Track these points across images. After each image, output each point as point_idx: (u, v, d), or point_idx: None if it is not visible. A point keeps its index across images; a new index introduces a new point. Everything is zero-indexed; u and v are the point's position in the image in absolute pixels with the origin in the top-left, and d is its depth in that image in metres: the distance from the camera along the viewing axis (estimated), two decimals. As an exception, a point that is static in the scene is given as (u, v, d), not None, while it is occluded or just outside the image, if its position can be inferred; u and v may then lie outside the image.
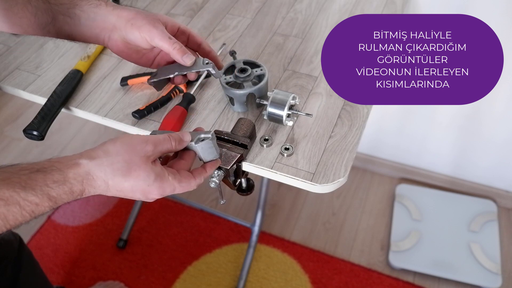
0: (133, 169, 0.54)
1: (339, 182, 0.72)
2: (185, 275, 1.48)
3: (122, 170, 0.53)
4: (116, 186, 0.54)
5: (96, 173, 0.53)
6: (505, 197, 1.61)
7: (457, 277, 1.44)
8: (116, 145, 0.55)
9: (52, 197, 0.50)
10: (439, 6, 1.19)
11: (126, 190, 0.55)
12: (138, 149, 0.55)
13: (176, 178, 0.57)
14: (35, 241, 1.56)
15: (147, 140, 0.56)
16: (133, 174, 0.54)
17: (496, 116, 1.39)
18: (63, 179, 0.51)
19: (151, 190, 0.55)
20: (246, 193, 0.81)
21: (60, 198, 0.51)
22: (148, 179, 0.54)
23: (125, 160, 0.54)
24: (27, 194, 0.48)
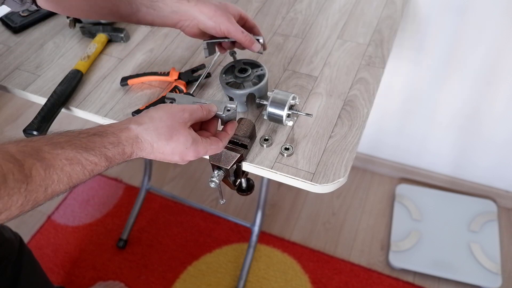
0: (174, 134, 0.60)
1: (339, 182, 0.72)
2: (185, 275, 1.48)
3: (165, 134, 0.60)
4: (159, 149, 0.60)
5: (144, 136, 0.59)
6: (505, 197, 1.61)
7: (457, 277, 1.44)
8: (159, 113, 0.61)
9: (108, 157, 0.56)
10: (439, 6, 1.19)
11: (167, 153, 0.61)
12: (178, 116, 0.62)
13: (207, 141, 0.64)
14: (35, 241, 1.56)
15: (184, 109, 0.63)
16: (174, 138, 0.60)
17: (496, 116, 1.39)
18: (117, 141, 0.57)
19: (188, 153, 0.62)
20: (246, 193, 0.81)
21: (114, 159, 0.57)
22: (186, 142, 0.61)
23: (168, 125, 0.60)
24: (88, 155, 0.53)
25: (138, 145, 0.59)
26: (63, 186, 0.52)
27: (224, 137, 0.68)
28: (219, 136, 0.67)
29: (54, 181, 0.50)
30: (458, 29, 1.22)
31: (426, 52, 1.30)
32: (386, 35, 1.00)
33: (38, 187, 0.48)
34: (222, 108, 0.69)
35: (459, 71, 1.31)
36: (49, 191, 0.50)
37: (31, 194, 0.48)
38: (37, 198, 0.49)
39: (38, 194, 0.49)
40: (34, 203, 0.49)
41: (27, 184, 0.47)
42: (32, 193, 0.48)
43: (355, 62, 0.93)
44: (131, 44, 1.00)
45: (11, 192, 0.46)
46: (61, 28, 1.04)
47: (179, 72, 0.90)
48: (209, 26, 0.77)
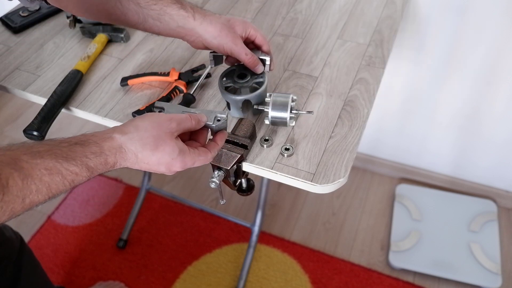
0: (160, 144, 0.59)
1: (339, 183, 0.72)
2: (185, 275, 1.48)
3: (150, 144, 0.58)
4: (144, 159, 0.59)
5: (128, 146, 0.58)
6: (505, 197, 1.61)
7: (457, 277, 1.44)
8: (144, 122, 0.60)
9: (90, 167, 0.55)
10: (439, 6, 1.19)
11: (152, 163, 0.60)
12: (165, 126, 0.60)
13: (195, 152, 0.63)
14: (35, 241, 1.56)
15: (172, 118, 0.62)
16: (160, 149, 0.59)
17: (496, 116, 1.39)
18: (100, 151, 0.56)
19: (175, 163, 0.61)
20: (246, 193, 0.81)
21: (96, 169, 0.56)
22: (173, 153, 0.60)
23: (153, 135, 0.59)
24: (69, 165, 0.52)
25: (121, 155, 0.58)
26: (42, 197, 0.50)
27: (213, 148, 0.66)
28: (208, 147, 0.66)
29: (32, 191, 0.49)
30: (458, 29, 1.22)
31: (426, 52, 1.30)
32: (386, 35, 1.00)
33: (15, 197, 0.47)
34: (212, 118, 0.67)
35: (459, 71, 1.31)
36: (27, 201, 0.49)
37: (8, 204, 0.47)
38: (14, 208, 0.48)
39: (15, 205, 0.48)
40: (11, 213, 0.48)
41: (3, 194, 0.46)
42: (9, 204, 0.47)
43: (355, 62, 0.93)
44: (131, 44, 1.00)
45: None
46: (61, 28, 1.04)
47: (179, 72, 0.90)
48: (213, 46, 0.77)
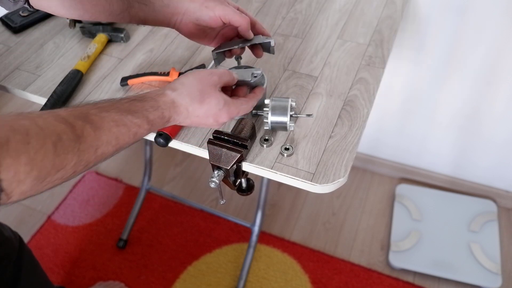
0: (206, 97, 0.64)
1: (339, 182, 0.72)
2: (185, 275, 1.48)
3: (197, 98, 0.64)
4: (194, 112, 0.64)
5: (179, 101, 0.63)
6: (505, 197, 1.61)
7: (457, 277, 1.44)
8: (189, 78, 0.65)
9: (150, 120, 0.59)
10: (439, 6, 1.19)
11: (202, 116, 0.65)
12: (207, 79, 0.65)
13: (238, 101, 0.69)
14: (35, 241, 1.56)
15: (212, 72, 0.67)
16: (207, 101, 0.64)
17: (496, 116, 1.39)
18: (157, 105, 0.60)
19: (221, 114, 0.66)
20: (246, 193, 0.81)
21: (155, 122, 0.60)
22: (218, 104, 0.65)
23: (199, 89, 0.64)
24: (132, 117, 0.56)
25: (175, 110, 0.62)
26: (112, 148, 0.54)
27: (253, 97, 0.72)
28: (248, 97, 0.71)
29: (104, 142, 0.52)
30: (458, 29, 1.22)
31: (426, 52, 1.30)
32: (386, 35, 1.00)
33: (89, 147, 0.50)
34: (249, 74, 0.74)
35: (459, 71, 1.31)
36: (99, 152, 0.52)
37: (83, 154, 0.50)
38: (89, 158, 0.51)
39: (89, 155, 0.51)
40: (86, 163, 0.51)
41: (79, 143, 0.49)
42: (84, 153, 0.50)
43: (355, 62, 0.93)
44: (131, 44, 1.00)
45: (66, 150, 0.47)
46: (61, 28, 1.04)
47: (179, 72, 0.90)
48: (202, 15, 0.74)
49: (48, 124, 0.47)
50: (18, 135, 0.44)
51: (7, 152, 0.42)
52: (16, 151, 0.43)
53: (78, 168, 0.50)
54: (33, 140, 0.44)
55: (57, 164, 0.47)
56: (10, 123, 0.44)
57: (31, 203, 1.67)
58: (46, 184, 0.47)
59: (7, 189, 0.43)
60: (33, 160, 0.44)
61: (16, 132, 0.44)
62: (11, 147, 0.43)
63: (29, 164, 0.44)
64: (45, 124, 0.47)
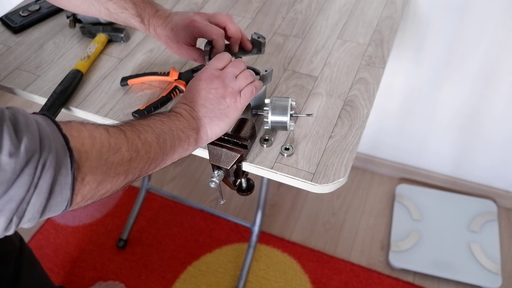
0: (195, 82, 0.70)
1: (339, 182, 0.72)
2: (185, 275, 1.48)
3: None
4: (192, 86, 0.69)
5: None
6: (505, 197, 1.61)
7: (457, 277, 1.44)
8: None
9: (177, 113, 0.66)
10: (439, 6, 1.19)
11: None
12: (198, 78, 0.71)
13: None
14: (35, 241, 1.56)
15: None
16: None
17: (496, 116, 1.39)
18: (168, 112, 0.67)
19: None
20: (246, 193, 0.81)
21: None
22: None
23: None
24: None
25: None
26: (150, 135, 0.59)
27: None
28: None
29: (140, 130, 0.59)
30: (458, 29, 1.22)
31: (426, 52, 1.30)
32: (386, 35, 1.00)
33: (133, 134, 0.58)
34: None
35: (459, 71, 1.31)
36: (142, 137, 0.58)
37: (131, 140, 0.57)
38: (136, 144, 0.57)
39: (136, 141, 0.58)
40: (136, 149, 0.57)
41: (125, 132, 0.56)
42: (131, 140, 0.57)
43: (355, 62, 0.93)
44: (131, 44, 1.00)
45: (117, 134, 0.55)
46: (61, 28, 1.04)
47: (179, 72, 0.90)
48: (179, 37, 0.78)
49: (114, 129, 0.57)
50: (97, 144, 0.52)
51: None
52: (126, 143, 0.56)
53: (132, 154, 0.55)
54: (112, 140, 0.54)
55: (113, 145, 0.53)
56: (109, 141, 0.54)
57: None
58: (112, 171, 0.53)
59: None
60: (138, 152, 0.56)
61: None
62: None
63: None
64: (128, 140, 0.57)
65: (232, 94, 0.68)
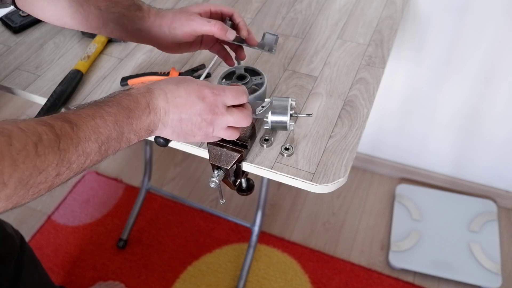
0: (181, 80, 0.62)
1: (339, 182, 0.72)
2: (185, 275, 1.48)
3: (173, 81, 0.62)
4: (173, 93, 0.60)
5: (153, 87, 0.61)
6: (505, 197, 1.61)
7: (457, 277, 1.44)
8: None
9: (123, 107, 0.57)
10: (439, 6, 1.19)
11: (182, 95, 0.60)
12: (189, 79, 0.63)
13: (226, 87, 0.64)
14: (35, 241, 1.56)
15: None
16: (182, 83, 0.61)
17: (496, 116, 1.39)
18: (129, 92, 0.59)
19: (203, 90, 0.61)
20: (246, 193, 0.81)
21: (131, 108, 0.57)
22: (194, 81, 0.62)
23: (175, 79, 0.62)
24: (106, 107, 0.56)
25: (150, 94, 0.59)
26: (93, 144, 0.53)
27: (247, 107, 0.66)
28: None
29: (82, 138, 0.52)
30: (458, 29, 1.22)
31: (426, 52, 1.30)
32: (386, 35, 1.00)
33: (69, 145, 0.50)
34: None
35: (459, 71, 1.32)
36: (80, 149, 0.52)
37: (64, 153, 0.50)
38: (70, 157, 0.51)
39: (70, 154, 0.50)
40: (68, 164, 0.50)
41: (59, 142, 0.49)
42: (65, 152, 0.50)
43: (355, 62, 0.93)
44: (131, 44, 1.00)
45: (47, 150, 0.48)
46: (61, 28, 1.04)
47: (179, 72, 0.90)
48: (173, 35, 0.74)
49: (29, 126, 0.48)
50: (1, 137, 0.45)
51: None
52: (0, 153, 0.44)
53: (61, 169, 0.50)
54: (15, 141, 0.45)
55: (38, 165, 0.47)
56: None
57: (31, 203, 1.66)
58: (30, 188, 0.47)
59: None
60: (16, 161, 0.45)
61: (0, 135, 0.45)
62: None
63: (12, 165, 0.45)
64: (26, 127, 0.48)
65: (209, 133, 0.63)
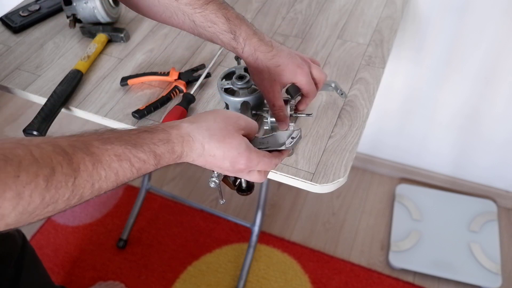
0: (227, 136, 0.58)
1: (339, 182, 0.72)
2: (185, 275, 1.48)
3: (217, 136, 0.57)
4: (210, 151, 0.57)
5: (195, 135, 0.57)
6: (505, 197, 1.61)
7: (457, 277, 1.44)
8: (213, 114, 0.60)
9: (157, 154, 0.54)
10: (439, 6, 1.19)
11: (218, 156, 0.58)
12: (233, 120, 0.60)
13: (261, 153, 0.61)
14: (35, 241, 1.56)
15: (240, 116, 0.62)
16: (227, 141, 0.58)
17: (496, 116, 1.39)
18: (167, 138, 0.55)
19: (240, 159, 0.59)
20: (246, 193, 0.81)
21: (163, 157, 0.55)
22: (239, 147, 0.58)
23: (221, 127, 0.58)
24: (137, 151, 0.52)
25: (188, 144, 0.56)
26: (110, 184, 0.51)
27: (277, 156, 0.64)
28: (273, 154, 0.64)
29: (102, 177, 0.49)
30: (458, 29, 1.22)
31: (426, 52, 1.30)
32: (386, 35, 1.00)
33: (85, 182, 0.48)
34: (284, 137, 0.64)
35: (459, 71, 1.31)
36: (96, 186, 0.49)
37: (78, 188, 0.47)
38: (84, 193, 0.48)
39: (84, 190, 0.48)
40: (80, 198, 0.48)
41: (74, 178, 0.47)
42: (79, 188, 0.47)
43: (355, 62, 0.93)
44: (131, 44, 1.00)
45: (59, 185, 0.45)
46: (61, 28, 1.04)
47: (179, 72, 0.90)
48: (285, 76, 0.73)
49: (44, 155, 0.45)
50: (9, 166, 0.42)
51: None
52: (4, 184, 0.41)
53: (71, 202, 0.48)
54: (23, 173, 0.43)
55: (47, 200, 0.44)
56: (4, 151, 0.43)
57: (31, 203, 1.67)
58: (35, 217, 0.45)
59: None
60: (20, 195, 0.42)
61: (8, 163, 0.42)
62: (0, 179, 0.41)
63: (16, 198, 0.42)
64: (40, 155, 0.45)
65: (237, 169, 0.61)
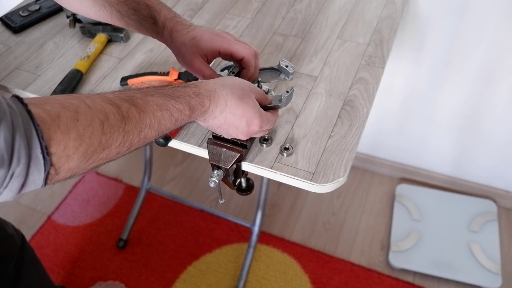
0: (245, 96, 0.65)
1: (339, 182, 0.72)
2: (185, 275, 1.48)
3: (238, 94, 0.64)
4: (231, 108, 0.63)
5: (220, 91, 0.63)
6: (505, 197, 1.61)
7: (457, 277, 1.44)
8: (232, 78, 0.67)
9: (191, 106, 0.59)
10: (439, 6, 1.19)
11: (237, 114, 0.64)
12: (248, 84, 0.67)
13: (267, 113, 0.69)
14: (35, 241, 1.56)
15: (252, 84, 0.69)
16: (245, 100, 0.64)
17: (496, 116, 1.39)
18: (198, 91, 0.60)
19: (254, 119, 0.65)
20: (246, 193, 0.81)
21: (195, 110, 0.60)
22: (255, 107, 0.65)
23: (240, 87, 0.65)
24: (175, 102, 0.57)
25: (215, 99, 0.61)
26: (154, 132, 0.55)
27: (274, 112, 0.72)
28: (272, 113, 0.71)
29: (147, 125, 0.53)
30: (458, 29, 1.22)
31: (426, 52, 1.30)
32: (386, 35, 1.00)
33: (134, 128, 0.52)
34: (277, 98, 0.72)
35: (459, 71, 1.31)
36: (142, 135, 0.53)
37: (128, 134, 0.51)
38: (132, 140, 0.52)
39: (133, 136, 0.52)
40: (129, 145, 0.52)
41: (125, 124, 0.50)
42: (129, 134, 0.51)
43: (355, 62, 0.93)
44: (131, 44, 1.00)
45: (112, 129, 0.49)
46: (61, 28, 1.04)
47: (179, 72, 0.90)
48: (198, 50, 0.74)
49: (96, 103, 0.49)
50: (68, 112, 0.45)
51: (58, 127, 0.44)
52: (66, 127, 0.44)
53: (122, 149, 0.51)
54: (82, 117, 0.46)
55: (103, 142, 0.48)
56: (60, 101, 0.46)
57: (31, 203, 1.67)
58: (92, 163, 0.48)
59: (56, 164, 0.44)
60: (82, 136, 0.46)
61: (67, 109, 0.45)
62: (62, 122, 0.44)
63: (78, 139, 0.45)
64: (93, 104, 0.48)
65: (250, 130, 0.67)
